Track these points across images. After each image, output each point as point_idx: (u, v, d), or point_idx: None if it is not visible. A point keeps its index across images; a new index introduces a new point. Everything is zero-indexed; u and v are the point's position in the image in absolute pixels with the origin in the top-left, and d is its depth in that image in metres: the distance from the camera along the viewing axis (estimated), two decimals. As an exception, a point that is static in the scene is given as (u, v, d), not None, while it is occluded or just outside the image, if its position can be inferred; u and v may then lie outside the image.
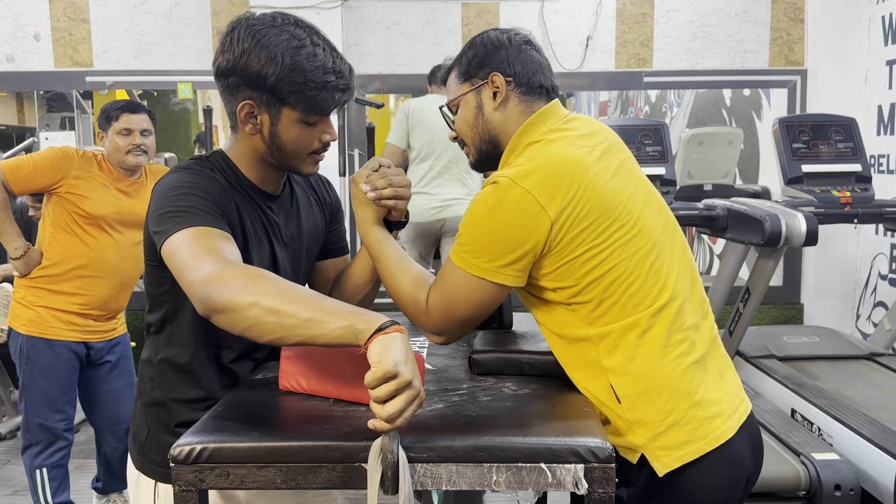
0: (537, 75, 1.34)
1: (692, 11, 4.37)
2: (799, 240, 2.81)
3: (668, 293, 1.22)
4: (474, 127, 1.36)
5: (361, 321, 0.99)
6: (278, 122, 1.24)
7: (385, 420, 0.92)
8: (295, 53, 1.19)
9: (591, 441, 1.00)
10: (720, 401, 1.24)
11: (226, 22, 1.29)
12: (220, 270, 1.06)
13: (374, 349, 0.95)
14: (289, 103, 1.22)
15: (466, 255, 1.22)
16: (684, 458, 1.18)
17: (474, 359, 1.30)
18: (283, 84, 1.20)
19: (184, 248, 1.11)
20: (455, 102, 1.39)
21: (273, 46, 1.19)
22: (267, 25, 1.21)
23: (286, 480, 1.01)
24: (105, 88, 4.43)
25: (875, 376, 3.08)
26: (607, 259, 1.20)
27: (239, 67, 1.21)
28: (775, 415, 2.58)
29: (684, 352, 1.22)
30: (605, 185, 1.22)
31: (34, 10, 4.27)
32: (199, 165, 1.29)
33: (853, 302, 4.31)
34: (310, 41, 1.22)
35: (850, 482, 2.11)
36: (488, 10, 4.38)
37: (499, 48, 1.34)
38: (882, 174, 3.99)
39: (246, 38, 1.20)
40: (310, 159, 1.31)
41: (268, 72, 1.19)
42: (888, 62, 4.01)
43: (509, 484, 0.98)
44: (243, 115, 1.24)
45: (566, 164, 1.21)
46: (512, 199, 1.18)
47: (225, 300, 1.03)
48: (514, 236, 1.18)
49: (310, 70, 1.20)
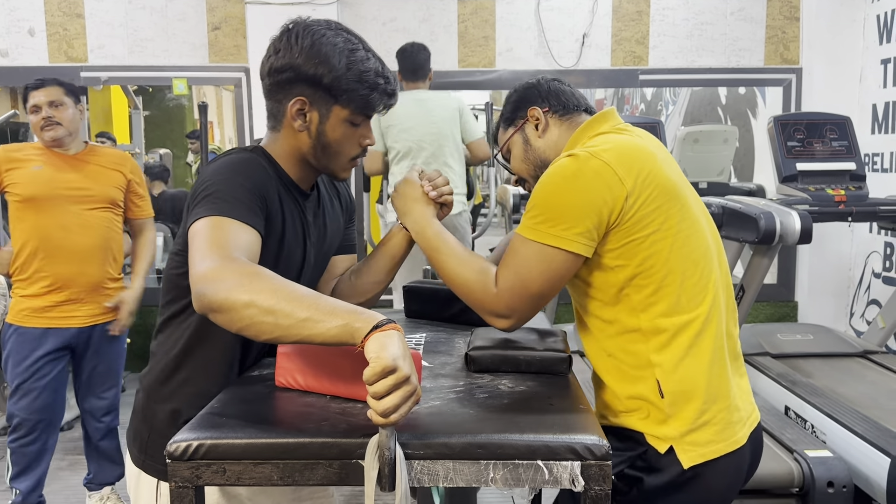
0: (570, 100, 1.45)
1: (688, 9, 4.38)
2: (793, 238, 2.82)
3: (713, 297, 1.28)
4: (527, 160, 1.46)
5: (358, 319, 0.99)
6: (327, 121, 1.30)
7: (381, 415, 0.93)
8: (351, 55, 1.27)
9: (588, 438, 1.00)
10: (741, 408, 1.32)
11: (221, 17, 1.31)
12: (219, 268, 1.06)
13: (372, 345, 0.96)
14: (341, 101, 1.27)
15: (542, 226, 1.24)
16: (707, 455, 1.25)
17: (471, 356, 1.30)
18: (339, 82, 1.26)
19: (200, 237, 1.13)
20: (506, 148, 1.50)
21: (332, 47, 1.26)
22: (324, 28, 1.28)
23: (283, 477, 1.01)
24: (100, 84, 4.41)
25: (868, 374, 3.09)
26: (671, 247, 1.24)
27: (296, 64, 1.26)
28: (769, 412, 2.59)
29: (721, 357, 1.29)
30: (670, 178, 1.28)
31: (28, 4, 4.25)
32: (248, 152, 1.32)
33: (847, 300, 4.33)
34: (362, 47, 1.30)
35: (843, 479, 2.12)
36: (484, 7, 4.38)
37: (528, 88, 1.47)
38: (876, 173, 4.01)
39: (306, 37, 1.26)
40: (349, 164, 1.37)
41: (325, 70, 1.25)
42: (883, 61, 4.02)
43: (506, 481, 0.98)
44: (294, 110, 1.28)
45: (638, 149, 1.28)
46: (591, 169, 1.23)
47: (221, 299, 1.03)
48: (592, 203, 1.22)
49: (364, 71, 1.27)
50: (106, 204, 2.65)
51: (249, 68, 4.21)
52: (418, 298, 1.76)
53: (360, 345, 0.97)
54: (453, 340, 1.53)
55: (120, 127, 7.34)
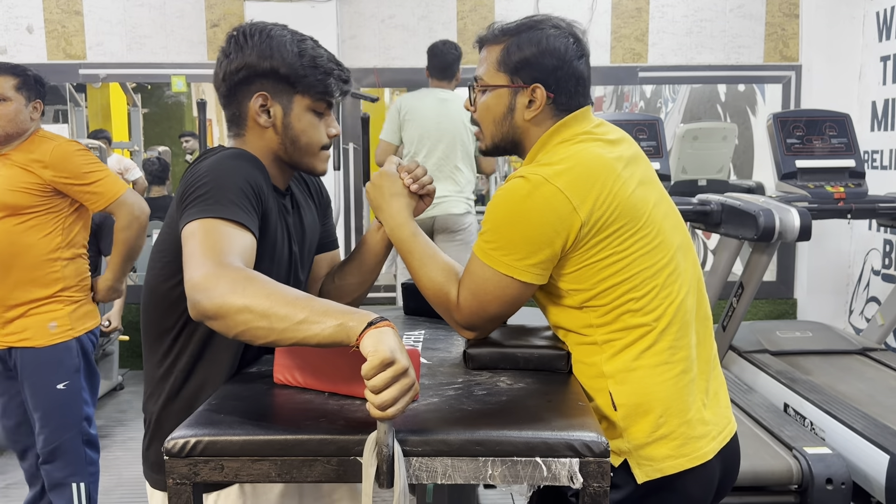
0: (577, 97, 1.31)
1: (687, 6, 4.37)
2: (792, 235, 2.82)
3: (675, 309, 1.24)
4: (499, 124, 1.33)
5: (352, 319, 0.99)
6: (291, 112, 1.31)
7: (379, 407, 0.92)
8: (301, 45, 1.30)
9: (587, 435, 1.00)
10: (709, 422, 1.26)
11: (220, 14, 1.32)
12: (213, 274, 1.05)
13: (368, 341, 0.96)
14: (299, 89, 1.30)
15: (495, 253, 1.22)
16: (665, 471, 1.21)
17: (469, 353, 1.30)
18: (296, 69, 1.28)
19: (193, 242, 1.11)
20: (485, 84, 1.32)
21: (281, 38, 1.29)
22: (270, 26, 1.31)
23: (281, 474, 1.01)
24: (98, 81, 4.41)
25: (867, 371, 3.09)
26: (627, 267, 1.21)
27: (250, 63, 1.28)
28: (768, 409, 2.59)
29: (684, 370, 1.24)
30: (633, 194, 1.23)
31: (27, 1, 4.24)
32: (240, 149, 1.30)
33: (846, 297, 4.33)
34: (310, 39, 1.33)
35: (841, 476, 2.12)
36: (483, 4, 4.37)
37: (553, 57, 1.27)
38: (875, 170, 4.01)
39: (253, 35, 1.29)
40: (322, 154, 1.37)
41: (280, 61, 1.28)
42: (882, 58, 4.02)
43: (504, 478, 0.98)
44: (257, 106, 1.30)
45: (598, 166, 1.21)
46: (543, 198, 1.18)
47: (216, 305, 1.03)
48: (544, 234, 1.19)
49: (317, 57, 1.30)
50: (2, 212, 2.25)
51: (248, 65, 4.20)
52: (417, 296, 1.76)
53: (355, 343, 0.97)
54: (452, 338, 1.52)
55: (118, 124, 7.33)
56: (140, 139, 7.02)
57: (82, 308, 2.41)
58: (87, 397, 2.44)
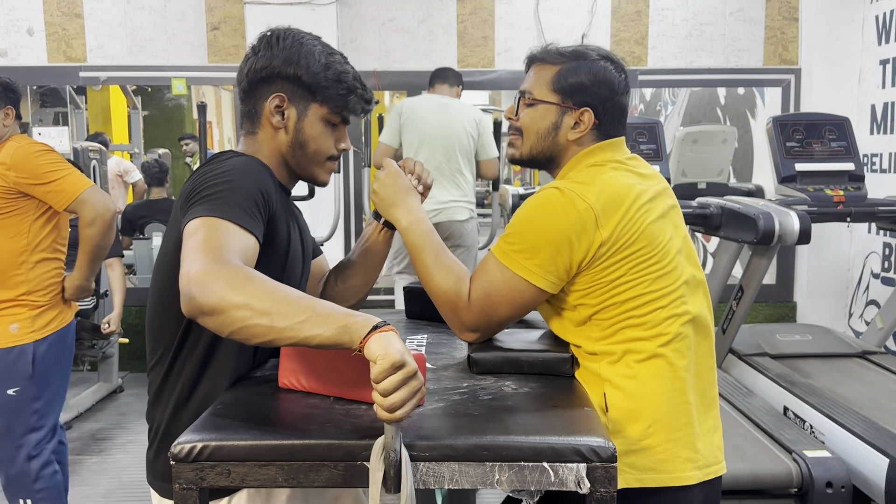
0: (619, 126, 1.38)
1: (687, 10, 4.38)
2: (792, 238, 2.82)
3: (675, 331, 1.27)
4: (542, 138, 1.38)
5: (356, 322, 0.99)
6: (304, 118, 1.32)
7: (389, 410, 0.93)
8: (329, 58, 1.32)
9: (594, 440, 1.00)
10: (698, 451, 1.28)
11: (220, 17, 1.33)
12: (211, 270, 1.03)
13: (375, 345, 0.96)
14: (318, 99, 1.31)
15: (517, 255, 1.26)
16: (645, 482, 1.24)
17: (473, 358, 1.30)
18: (317, 80, 1.30)
19: (194, 238, 1.09)
20: (536, 99, 1.38)
21: (311, 47, 1.31)
22: (303, 34, 1.33)
23: (287, 479, 1.01)
24: (99, 84, 4.42)
25: (867, 374, 3.10)
26: (635, 288, 1.25)
27: (275, 64, 1.30)
28: (767, 412, 2.60)
29: (679, 389, 1.27)
30: (653, 223, 1.27)
31: (27, 4, 4.24)
32: (246, 155, 1.32)
33: (846, 300, 4.34)
34: (340, 54, 1.35)
35: (841, 479, 2.12)
36: (483, 7, 4.38)
37: (606, 88, 1.35)
38: (875, 173, 4.02)
39: (286, 39, 1.31)
40: (327, 165, 1.38)
41: (305, 69, 1.29)
42: (881, 61, 4.03)
43: (511, 483, 0.98)
44: (273, 106, 1.31)
45: (625, 191, 1.27)
46: (577, 211, 1.23)
47: (214, 300, 1.00)
48: (568, 244, 1.23)
49: (342, 72, 1.32)
50: None
51: (249, 68, 4.21)
52: (419, 299, 1.76)
53: (359, 346, 0.97)
54: (455, 342, 1.53)
55: (119, 127, 7.33)
56: (140, 141, 7.02)
57: (49, 312, 2.34)
58: (41, 408, 2.33)
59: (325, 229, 4.02)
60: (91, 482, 3.21)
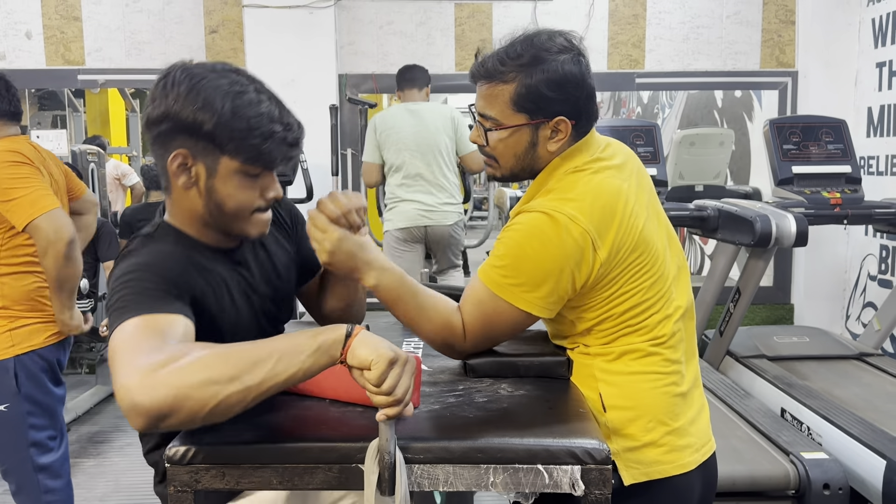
0: (594, 115, 1.29)
1: (684, 13, 4.39)
2: (789, 240, 2.83)
3: (670, 329, 1.28)
4: (521, 158, 1.29)
5: (327, 339, 0.97)
6: (215, 174, 1.13)
7: (398, 402, 0.95)
8: (238, 98, 1.11)
9: (588, 443, 1.00)
10: (692, 434, 1.30)
11: (218, 21, 1.28)
12: (146, 368, 0.90)
13: (360, 350, 0.96)
14: (228, 151, 1.12)
15: (514, 288, 1.21)
16: (651, 475, 1.24)
17: (470, 364, 1.30)
18: (222, 130, 1.10)
19: (120, 349, 0.96)
20: (503, 126, 1.26)
21: (213, 89, 1.10)
22: (206, 70, 1.12)
23: (282, 481, 1.01)
24: (97, 87, 4.41)
25: (864, 376, 3.10)
26: (630, 299, 1.25)
27: (173, 112, 1.10)
28: (765, 414, 2.60)
29: (674, 382, 1.28)
30: (644, 227, 1.25)
31: (26, 7, 4.24)
32: (151, 240, 1.18)
33: (843, 302, 4.35)
34: (253, 89, 1.13)
35: (838, 481, 2.13)
36: (481, 11, 4.39)
37: (571, 86, 1.23)
38: (872, 175, 4.02)
39: (182, 81, 1.11)
40: (255, 218, 1.19)
41: (205, 117, 1.09)
42: (878, 64, 4.04)
43: (506, 485, 0.99)
44: (175, 166, 1.13)
45: (616, 200, 1.22)
46: (572, 238, 1.18)
47: (166, 395, 0.88)
48: (568, 273, 1.19)
49: (253, 117, 1.11)
50: None
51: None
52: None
53: (340, 357, 0.97)
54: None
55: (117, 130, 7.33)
56: (138, 144, 7.02)
57: (31, 326, 2.21)
58: (38, 422, 2.24)
59: (322, 232, 4.02)
60: (88, 485, 3.20)
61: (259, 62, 4.13)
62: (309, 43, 4.12)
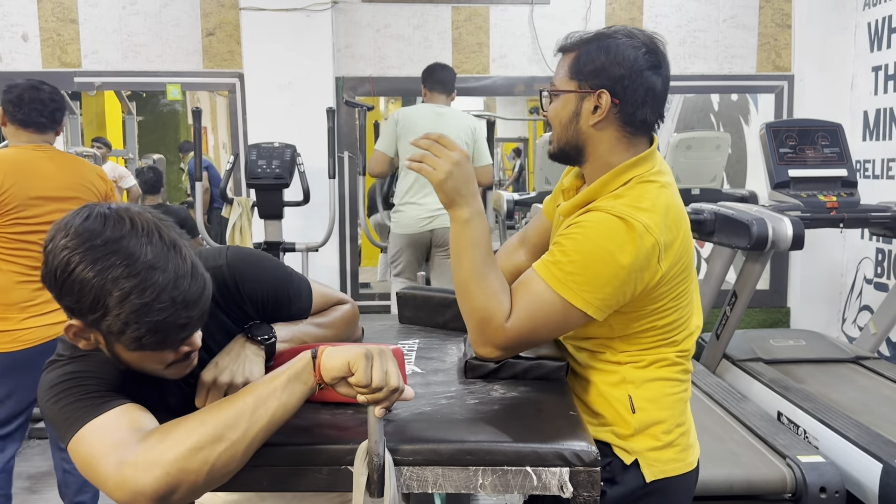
0: (644, 108, 1.28)
1: (680, 17, 4.40)
2: (785, 244, 2.83)
3: (692, 343, 1.35)
4: (566, 127, 1.32)
5: (296, 367, 0.99)
6: (114, 346, 1.00)
7: (395, 390, 0.96)
8: (118, 285, 0.92)
9: (577, 445, 1.00)
10: (692, 434, 1.39)
11: (215, 23, 1.26)
12: (129, 459, 0.90)
13: (332, 361, 0.98)
14: (114, 340, 0.98)
15: (574, 284, 1.19)
16: (668, 472, 1.30)
17: (470, 363, 1.30)
18: (102, 322, 0.95)
19: (84, 459, 0.93)
20: (555, 89, 1.33)
21: (91, 275, 0.93)
22: (91, 241, 0.93)
23: (272, 483, 1.01)
24: (93, 89, 4.41)
25: (860, 380, 3.10)
26: (672, 314, 1.28)
27: (55, 289, 0.96)
28: (761, 417, 2.60)
29: (686, 388, 1.37)
30: (690, 249, 1.30)
31: (22, 9, 4.24)
32: (77, 357, 1.06)
33: (839, 306, 4.35)
34: (143, 263, 0.93)
35: (835, 484, 2.12)
36: (478, 14, 4.39)
37: (621, 66, 1.26)
38: (868, 179, 4.03)
39: (62, 255, 0.94)
40: (172, 369, 1.04)
41: (84, 304, 0.94)
42: (874, 68, 4.04)
43: (495, 487, 0.98)
44: (71, 334, 1.00)
45: (680, 220, 1.27)
46: (645, 248, 1.18)
47: (161, 473, 0.89)
48: (633, 281, 1.20)
49: (138, 308, 0.93)
50: None
51: (243, 74, 4.21)
52: (411, 305, 1.76)
53: (316, 380, 0.99)
54: (446, 347, 1.53)
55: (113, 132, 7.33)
56: (135, 147, 7.02)
57: None
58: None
59: (319, 235, 4.01)
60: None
61: (256, 65, 4.13)
62: (306, 46, 4.12)
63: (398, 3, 4.34)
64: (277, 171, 3.66)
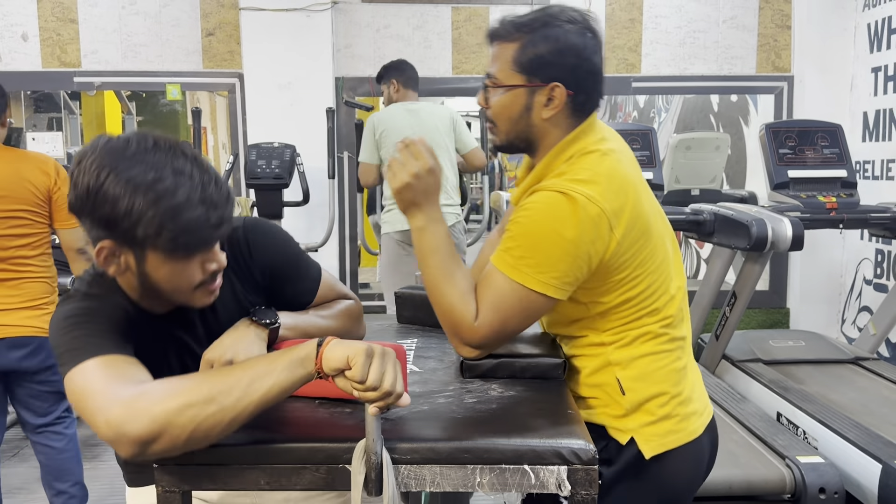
0: (596, 93, 1.28)
1: (680, 17, 4.40)
2: (785, 244, 2.83)
3: (675, 308, 1.31)
4: (515, 122, 1.29)
5: (299, 352, 0.99)
6: (145, 262, 1.05)
7: (390, 392, 0.95)
8: (149, 192, 1.00)
9: (575, 443, 1.00)
10: (695, 401, 1.34)
11: (215, 23, 1.26)
12: (124, 402, 0.93)
13: (334, 353, 0.97)
14: (149, 246, 1.03)
15: (527, 269, 1.18)
16: (667, 445, 1.27)
17: (466, 363, 1.29)
18: (137, 228, 1.01)
19: (83, 389, 0.97)
20: (501, 84, 1.28)
21: (122, 185, 1.00)
22: (118, 158, 1.01)
23: (270, 482, 1.01)
24: (93, 89, 4.41)
25: (859, 380, 3.10)
26: (642, 282, 1.25)
27: (87, 207, 1.02)
28: (761, 418, 2.60)
29: (678, 357, 1.32)
30: (646, 210, 1.26)
31: (21, 9, 4.24)
32: (98, 288, 1.12)
33: (838, 306, 4.35)
34: (170, 170, 1.02)
35: (834, 485, 2.12)
36: (478, 14, 4.39)
37: (571, 55, 1.23)
38: (867, 180, 4.03)
39: (92, 171, 1.01)
40: (199, 292, 1.11)
41: (117, 215, 1.00)
42: (874, 69, 4.04)
43: (493, 485, 0.98)
44: (102, 258, 1.05)
45: (626, 184, 1.23)
46: (589, 217, 1.16)
47: (151, 420, 0.91)
48: (584, 253, 1.18)
49: (168, 209, 1.00)
50: None
51: (243, 74, 4.21)
52: (409, 304, 1.76)
53: (316, 368, 0.98)
54: (444, 346, 1.53)
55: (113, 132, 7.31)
56: (135, 147, 7.01)
57: None
58: None
59: (319, 235, 4.01)
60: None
61: (256, 65, 4.14)
62: (306, 46, 4.12)
63: (398, 4, 4.34)
64: (277, 172, 3.67)
